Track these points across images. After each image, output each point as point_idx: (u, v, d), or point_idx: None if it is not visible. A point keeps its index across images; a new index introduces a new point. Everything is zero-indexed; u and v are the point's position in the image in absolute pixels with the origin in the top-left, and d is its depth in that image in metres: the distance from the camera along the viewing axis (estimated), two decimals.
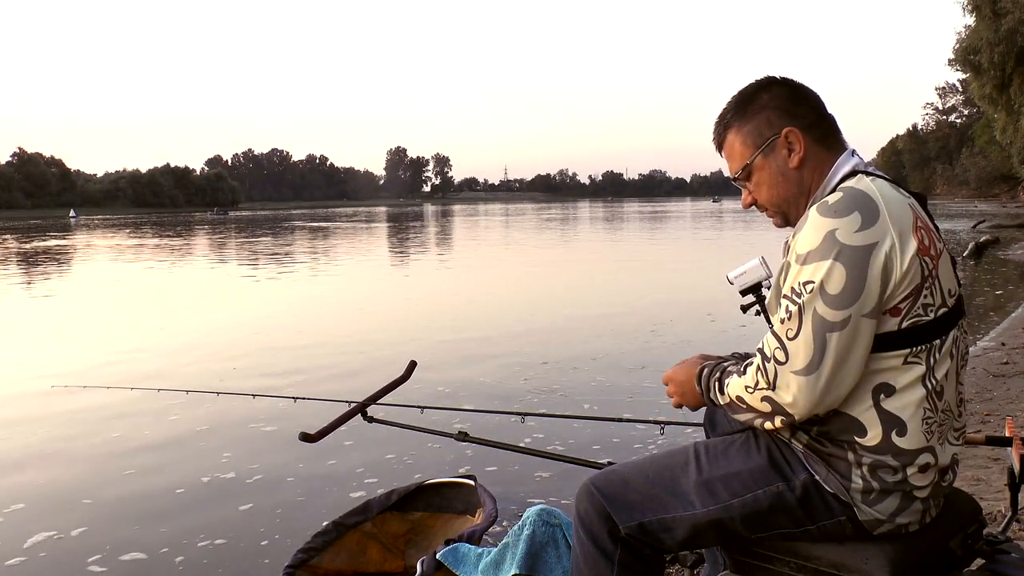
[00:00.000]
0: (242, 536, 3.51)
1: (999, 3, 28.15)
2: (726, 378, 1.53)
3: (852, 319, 1.36)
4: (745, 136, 1.59)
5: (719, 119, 1.64)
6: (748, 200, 1.64)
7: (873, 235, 1.37)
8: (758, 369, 1.44)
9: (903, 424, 1.41)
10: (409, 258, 22.44)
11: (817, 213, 1.41)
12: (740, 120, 1.59)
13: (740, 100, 1.61)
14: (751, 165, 1.58)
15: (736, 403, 1.50)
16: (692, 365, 1.65)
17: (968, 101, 78.75)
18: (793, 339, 1.39)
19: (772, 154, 1.56)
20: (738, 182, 1.64)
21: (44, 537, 3.54)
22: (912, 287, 1.38)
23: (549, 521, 2.30)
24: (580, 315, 9.89)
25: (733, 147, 1.61)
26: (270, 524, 3.63)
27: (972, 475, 3.60)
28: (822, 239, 1.38)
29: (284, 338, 8.67)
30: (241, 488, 4.09)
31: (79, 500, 3.97)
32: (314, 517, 3.60)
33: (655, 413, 4.52)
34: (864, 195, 1.41)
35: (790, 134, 1.54)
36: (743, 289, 1.77)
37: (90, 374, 6.65)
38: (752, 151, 1.58)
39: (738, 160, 1.60)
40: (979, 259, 17.74)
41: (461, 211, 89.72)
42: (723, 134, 1.63)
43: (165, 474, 4.32)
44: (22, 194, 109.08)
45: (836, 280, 1.36)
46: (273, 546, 3.37)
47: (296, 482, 4.14)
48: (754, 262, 1.76)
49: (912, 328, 1.40)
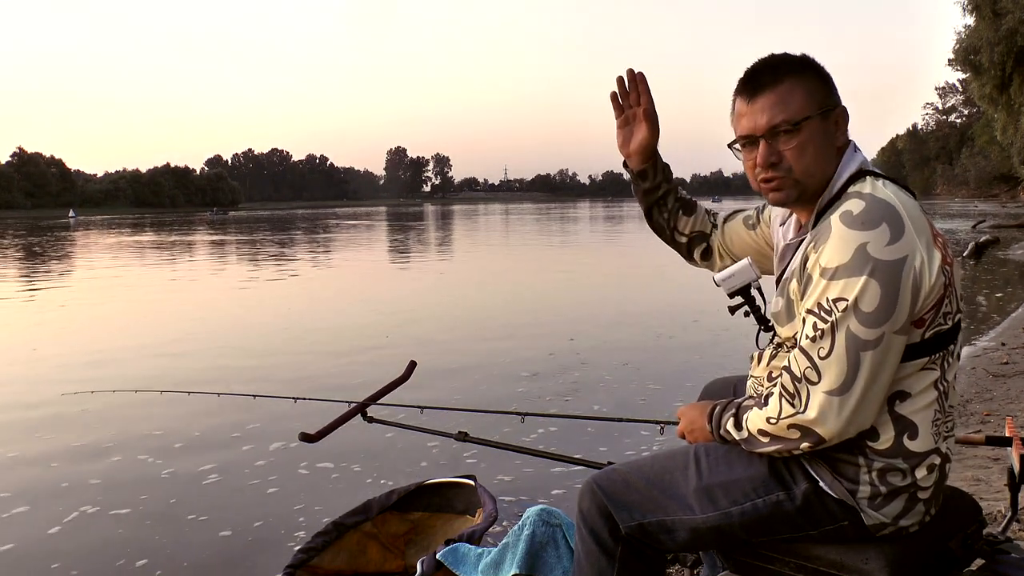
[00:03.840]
0: (242, 536, 3.51)
1: (999, 3, 28.15)
2: (743, 413, 1.49)
3: (885, 337, 1.33)
4: (811, 90, 1.46)
5: (773, 66, 1.49)
6: (772, 158, 1.47)
7: (902, 248, 1.33)
8: (781, 396, 1.41)
9: (915, 427, 1.40)
10: (409, 258, 22.43)
11: (842, 224, 1.36)
12: (802, 74, 1.47)
13: (799, 59, 1.49)
14: (806, 122, 1.45)
15: (756, 437, 1.46)
16: (705, 405, 1.62)
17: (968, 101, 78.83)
18: (825, 358, 1.35)
19: (827, 122, 1.47)
20: (776, 134, 1.46)
21: (44, 538, 3.54)
22: (937, 298, 1.37)
23: (549, 521, 2.29)
24: (580, 315, 9.89)
25: (792, 94, 1.45)
26: (270, 524, 3.63)
27: (972, 475, 3.60)
28: (853, 253, 1.33)
29: (284, 338, 8.67)
30: (241, 488, 4.09)
31: (79, 500, 3.97)
32: (314, 517, 3.61)
33: (655, 413, 4.52)
34: (888, 205, 1.36)
35: (841, 114, 1.49)
36: (731, 292, 1.76)
37: (94, 377, 6.63)
38: (815, 107, 1.46)
39: (795, 110, 1.45)
40: (979, 259, 17.71)
41: (461, 211, 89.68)
42: (780, 78, 1.47)
43: (166, 474, 4.32)
44: (22, 194, 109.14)
45: (871, 297, 1.32)
46: (273, 546, 3.37)
47: (296, 482, 4.14)
48: (742, 264, 1.75)
49: (934, 337, 1.39)
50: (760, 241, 1.86)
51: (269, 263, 20.34)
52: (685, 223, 1.94)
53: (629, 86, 1.83)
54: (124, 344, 8.50)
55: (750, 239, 1.87)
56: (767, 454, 1.48)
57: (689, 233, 1.95)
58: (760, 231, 1.86)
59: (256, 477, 4.24)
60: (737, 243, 1.90)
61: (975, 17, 29.55)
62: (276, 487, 4.08)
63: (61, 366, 7.38)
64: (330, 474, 4.24)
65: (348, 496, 3.81)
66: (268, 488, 4.07)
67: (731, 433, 1.51)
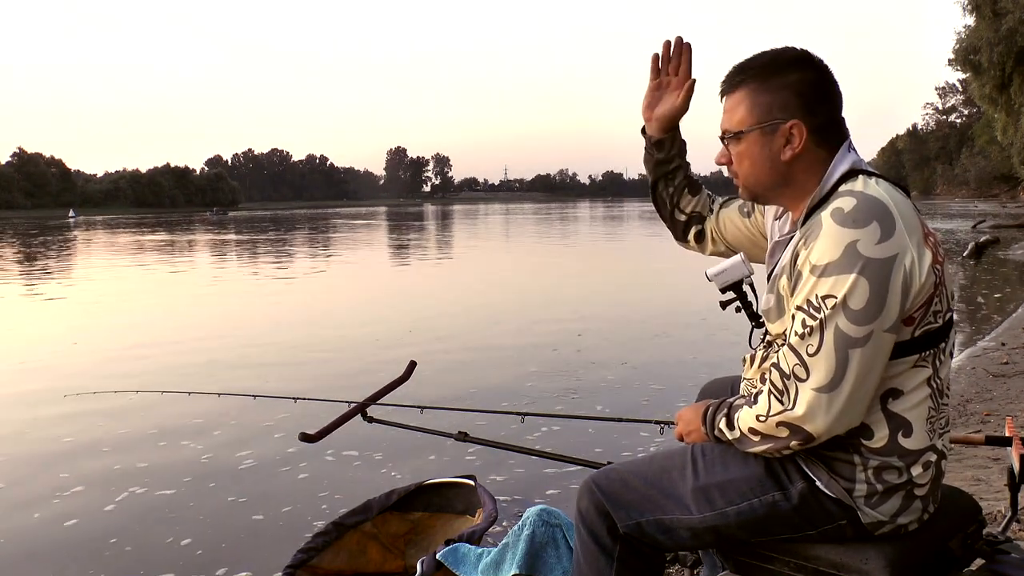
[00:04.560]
0: (242, 536, 3.51)
1: (999, 3, 28.18)
2: (735, 413, 1.49)
3: (874, 335, 1.33)
4: (754, 103, 1.49)
5: (739, 68, 1.53)
6: (724, 160, 1.57)
7: (893, 247, 1.33)
8: (770, 393, 1.42)
9: (909, 425, 1.41)
10: (409, 258, 22.44)
11: (833, 222, 1.36)
12: (758, 84, 1.49)
13: (768, 64, 1.51)
14: (745, 134, 1.51)
15: (747, 436, 1.46)
16: (701, 406, 1.62)
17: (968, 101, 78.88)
18: (814, 355, 1.36)
19: (769, 136, 1.49)
20: (724, 139, 1.56)
21: (44, 537, 3.55)
22: (926, 297, 1.37)
23: (549, 521, 2.29)
24: (581, 315, 9.88)
25: (738, 105, 1.51)
26: (270, 524, 3.63)
27: (972, 475, 3.60)
28: (843, 251, 1.33)
29: (284, 339, 8.67)
30: (241, 488, 4.09)
31: (79, 500, 3.97)
32: (314, 517, 3.61)
33: (656, 413, 4.52)
34: (879, 203, 1.37)
35: (795, 127, 1.47)
36: (723, 287, 1.76)
37: (96, 378, 6.63)
38: (753, 122, 1.49)
39: (735, 121, 1.52)
40: (979, 259, 17.71)
41: (461, 211, 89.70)
42: (735, 86, 1.52)
43: (166, 474, 4.32)
44: (22, 194, 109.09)
45: (860, 295, 1.32)
46: (273, 546, 3.37)
47: (296, 482, 4.14)
48: (735, 260, 1.75)
49: (924, 335, 1.39)
50: (754, 230, 1.85)
51: (269, 263, 20.35)
52: (688, 202, 1.94)
53: (673, 52, 1.83)
54: (124, 344, 8.51)
55: (743, 226, 1.86)
56: (759, 453, 1.48)
57: (690, 213, 1.94)
58: (755, 219, 1.85)
59: (256, 477, 4.24)
60: (730, 229, 1.88)
61: (975, 17, 29.58)
62: (276, 487, 4.08)
63: (62, 366, 7.39)
64: (330, 474, 4.24)
65: (348, 496, 3.82)
66: (268, 488, 4.07)
67: (724, 433, 1.51)
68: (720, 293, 1.78)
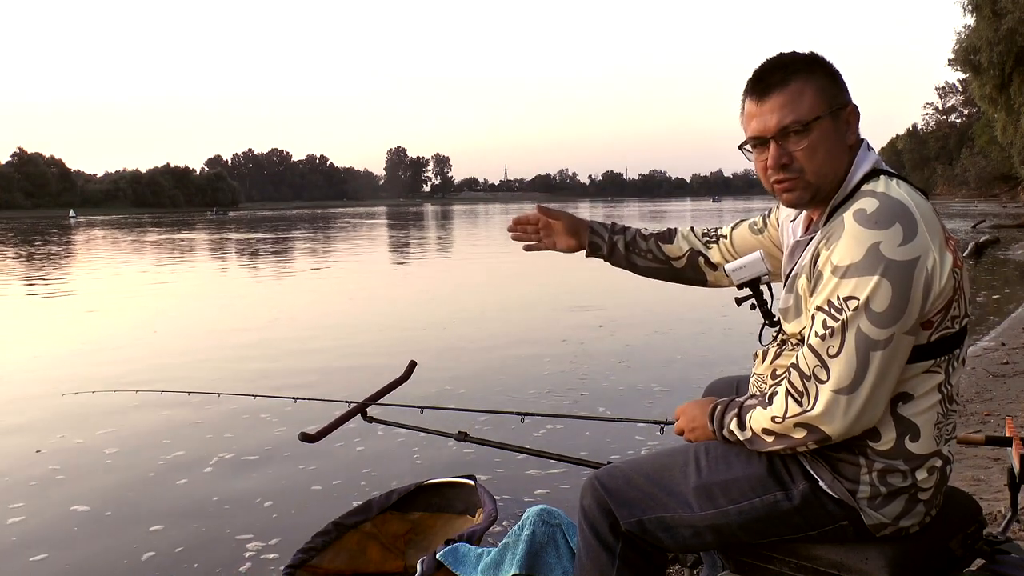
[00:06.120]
0: (242, 536, 3.51)
1: (999, 3, 28.16)
2: (746, 413, 1.49)
3: (895, 337, 1.33)
4: (821, 88, 1.44)
5: (779, 66, 1.46)
6: (783, 159, 1.45)
7: (915, 249, 1.32)
8: (788, 394, 1.41)
9: (917, 430, 1.40)
10: (409, 258, 22.43)
11: (855, 223, 1.35)
12: (809, 73, 1.45)
13: (806, 57, 1.47)
14: (819, 121, 1.43)
15: (760, 436, 1.46)
16: (706, 402, 1.62)
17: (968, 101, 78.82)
18: (835, 356, 1.35)
19: (838, 121, 1.45)
20: (786, 135, 1.44)
21: (43, 537, 3.54)
22: (946, 301, 1.36)
23: (549, 521, 2.29)
24: (581, 315, 9.88)
25: (802, 94, 1.43)
26: (270, 524, 3.63)
27: (972, 475, 3.60)
28: (865, 252, 1.32)
29: (284, 339, 8.66)
30: (241, 488, 4.09)
31: (79, 500, 3.97)
32: (314, 517, 3.60)
33: (655, 413, 4.53)
34: (902, 205, 1.36)
35: (852, 110, 1.47)
36: (740, 283, 1.76)
37: (96, 378, 6.63)
38: (825, 107, 1.44)
39: (805, 110, 1.43)
40: (979, 259, 17.71)
41: (461, 211, 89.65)
42: (789, 77, 1.44)
43: (166, 474, 4.32)
44: (22, 194, 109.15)
45: (882, 297, 1.31)
46: (273, 546, 3.37)
47: (296, 482, 4.14)
48: (754, 256, 1.75)
49: (940, 340, 1.39)
50: (768, 243, 1.87)
51: (269, 263, 20.34)
52: (671, 249, 1.96)
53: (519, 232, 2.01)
54: (124, 344, 8.50)
55: (757, 243, 1.88)
56: (771, 452, 1.48)
57: (682, 255, 1.96)
58: (767, 234, 1.87)
59: (256, 477, 4.24)
60: (745, 249, 1.89)
61: (975, 17, 29.55)
62: (276, 487, 4.08)
63: (61, 365, 7.39)
64: (330, 474, 4.23)
65: (348, 496, 3.82)
66: (267, 488, 4.07)
67: (735, 433, 1.51)
68: (736, 290, 1.78)
